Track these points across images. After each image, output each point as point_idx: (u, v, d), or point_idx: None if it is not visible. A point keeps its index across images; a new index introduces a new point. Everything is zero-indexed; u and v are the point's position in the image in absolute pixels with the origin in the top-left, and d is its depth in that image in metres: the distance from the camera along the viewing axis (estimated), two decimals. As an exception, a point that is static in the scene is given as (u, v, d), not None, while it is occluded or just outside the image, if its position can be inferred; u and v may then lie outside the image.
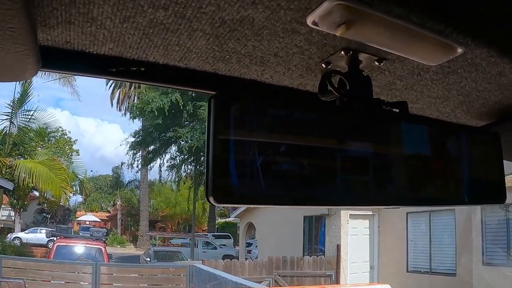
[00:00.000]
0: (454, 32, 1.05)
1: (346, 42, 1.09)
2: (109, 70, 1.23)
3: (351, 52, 1.13)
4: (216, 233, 48.19)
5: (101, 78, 1.31)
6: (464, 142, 1.38)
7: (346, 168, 1.09)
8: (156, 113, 30.84)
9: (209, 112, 0.87)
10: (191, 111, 30.16)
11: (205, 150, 0.86)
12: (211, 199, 0.85)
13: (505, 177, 1.37)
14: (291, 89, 1.39)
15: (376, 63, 1.18)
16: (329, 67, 1.20)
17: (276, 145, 0.96)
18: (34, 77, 1.21)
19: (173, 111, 31.06)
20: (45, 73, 24.39)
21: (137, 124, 47.56)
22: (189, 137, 30.44)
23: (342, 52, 1.13)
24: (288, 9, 0.94)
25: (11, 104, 27.45)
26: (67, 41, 1.13)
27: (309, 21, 0.97)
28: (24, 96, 27.28)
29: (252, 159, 0.90)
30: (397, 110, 1.23)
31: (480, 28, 1.06)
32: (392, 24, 0.98)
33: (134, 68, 1.24)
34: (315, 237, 20.89)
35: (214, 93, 1.25)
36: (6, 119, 27.92)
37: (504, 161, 1.43)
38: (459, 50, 1.10)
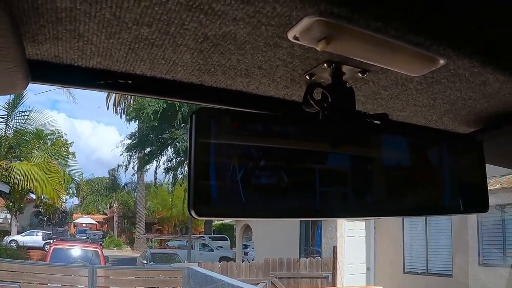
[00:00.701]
0: (434, 44, 1.06)
1: (328, 55, 1.10)
2: (98, 82, 1.25)
3: (333, 64, 1.14)
4: (212, 235, 48.10)
5: (90, 90, 1.32)
6: (447, 150, 1.39)
7: (328, 180, 1.10)
8: (152, 116, 30.81)
9: (191, 128, 0.88)
10: (186, 113, 30.08)
11: (188, 165, 0.88)
12: (192, 212, 0.86)
13: (504, 178, 1.38)
14: (277, 99, 1.41)
15: (359, 75, 1.20)
16: (313, 78, 1.21)
17: (257, 158, 0.97)
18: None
19: (169, 113, 31.04)
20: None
21: (133, 126, 47.44)
22: (185, 138, 30.36)
23: (325, 65, 1.14)
24: (269, 25, 0.96)
25: (6, 106, 27.39)
26: (56, 55, 1.14)
27: (290, 36, 0.99)
28: (18, 99, 27.19)
29: (232, 173, 0.91)
30: (378, 122, 1.24)
31: (460, 39, 1.07)
32: (372, 38, 1.00)
33: (122, 81, 1.25)
34: (312, 238, 20.88)
35: (206, 105, 1.27)
36: (1, 121, 27.86)
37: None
38: (441, 62, 1.11)
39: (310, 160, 1.08)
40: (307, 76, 1.21)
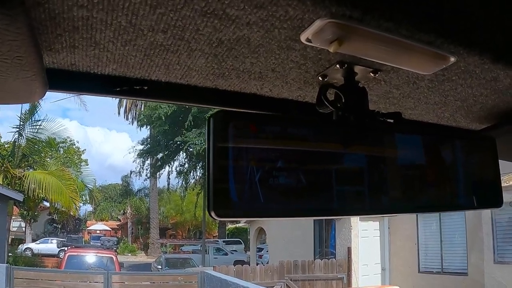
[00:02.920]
0: (444, 43, 1.07)
1: (341, 56, 1.11)
2: (113, 89, 1.27)
3: (346, 65, 1.15)
4: (226, 239, 48.00)
5: (107, 96, 1.34)
6: (460, 147, 1.39)
7: (344, 179, 1.11)
8: (163, 118, 30.79)
9: (208, 131, 0.90)
10: (196, 114, 30.00)
11: (206, 167, 0.89)
12: (212, 213, 0.88)
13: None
14: (290, 101, 1.42)
15: (372, 74, 1.21)
16: (326, 79, 1.22)
17: (274, 159, 0.98)
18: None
19: (180, 118, 31.05)
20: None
21: (145, 132, 47.46)
22: (197, 142, 30.31)
23: (337, 65, 1.15)
24: (282, 28, 0.98)
25: (21, 116, 27.51)
26: (72, 63, 1.16)
27: (302, 38, 1.00)
28: (34, 109, 27.32)
29: (251, 174, 0.93)
30: (392, 121, 1.25)
31: (470, 37, 1.08)
32: (383, 38, 1.01)
33: (138, 87, 1.27)
34: (326, 240, 20.80)
35: (220, 108, 1.28)
36: (16, 131, 27.99)
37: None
38: (452, 59, 1.12)
39: (326, 160, 1.09)
40: (320, 78, 1.22)
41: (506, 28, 1.07)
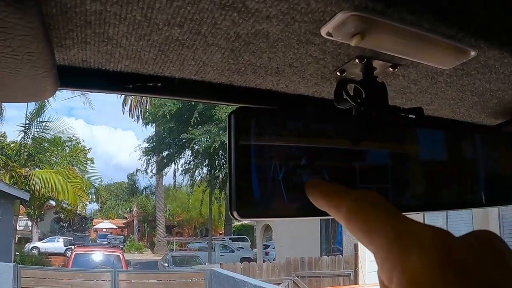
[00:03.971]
0: (466, 36, 1.05)
1: (360, 50, 1.09)
2: (126, 86, 1.24)
3: (365, 60, 1.13)
4: (233, 236, 48.26)
5: (119, 94, 1.32)
6: (480, 142, 1.37)
7: (366, 176, 1.08)
8: (168, 116, 30.84)
9: (229, 128, 0.87)
10: (202, 110, 30.02)
11: (228, 166, 0.87)
12: (235, 213, 0.85)
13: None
14: (306, 97, 1.40)
15: (391, 69, 1.19)
16: (344, 74, 1.20)
17: (297, 156, 0.96)
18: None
19: (185, 116, 31.10)
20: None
21: (150, 130, 47.63)
22: (202, 139, 30.33)
23: (357, 60, 1.13)
24: (302, 21, 0.95)
25: (28, 115, 27.66)
26: (84, 60, 1.14)
27: (323, 32, 0.97)
28: (41, 108, 27.46)
29: (273, 173, 0.90)
30: (413, 116, 1.23)
31: (491, 30, 1.06)
32: (405, 32, 0.99)
33: (151, 84, 1.25)
34: (332, 236, 20.88)
35: (233, 105, 1.26)
36: (22, 131, 28.14)
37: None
38: (472, 53, 1.10)
39: (349, 156, 1.06)
40: (337, 73, 1.20)
41: None
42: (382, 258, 0.51)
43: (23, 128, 28.14)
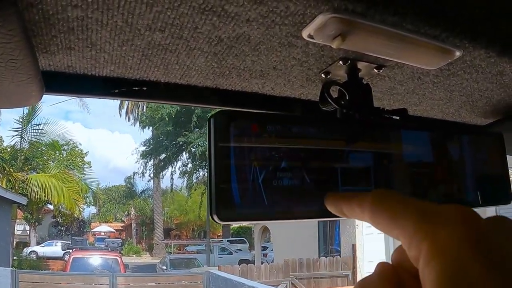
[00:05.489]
0: (450, 36, 1.05)
1: (344, 52, 1.09)
2: (112, 91, 1.25)
3: (349, 61, 1.13)
4: (231, 238, 48.21)
5: (105, 98, 1.32)
6: (468, 143, 1.37)
7: (350, 179, 1.08)
8: (167, 119, 30.84)
9: (209, 132, 0.87)
10: (200, 114, 30.02)
11: (208, 169, 0.87)
12: (215, 217, 0.85)
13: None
14: (292, 99, 1.40)
15: (375, 71, 1.19)
16: (329, 76, 1.20)
17: (278, 158, 0.96)
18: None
19: (182, 119, 31.10)
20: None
21: (148, 134, 47.60)
22: (200, 142, 30.33)
23: (341, 62, 1.13)
24: (283, 24, 0.95)
25: (20, 120, 27.62)
26: (69, 66, 1.14)
27: (304, 34, 0.97)
28: (31, 112, 27.41)
29: (253, 176, 0.90)
30: (398, 118, 1.23)
31: (476, 30, 1.06)
32: (388, 33, 0.99)
33: (136, 88, 1.25)
34: (330, 237, 20.87)
35: (220, 109, 1.26)
36: (16, 135, 28.12)
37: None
38: (457, 53, 1.10)
39: (331, 159, 1.06)
40: (322, 75, 1.20)
41: None
42: (409, 237, 0.51)
43: (17, 132, 28.11)
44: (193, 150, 32.52)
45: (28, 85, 1.04)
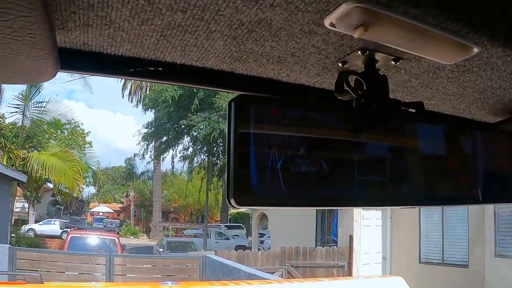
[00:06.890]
0: (469, 32, 1.05)
1: (363, 42, 1.09)
2: (127, 70, 1.24)
3: (367, 52, 1.13)
4: (228, 224, 48.31)
5: (119, 78, 1.32)
6: (480, 140, 1.37)
7: (365, 169, 1.09)
8: (170, 101, 30.70)
9: (229, 115, 0.87)
10: (202, 97, 29.85)
11: (226, 153, 0.87)
12: (232, 201, 0.85)
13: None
14: (307, 87, 1.39)
15: (392, 62, 1.18)
16: (346, 66, 1.20)
17: (296, 145, 0.96)
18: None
19: (185, 102, 30.99)
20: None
21: (150, 116, 47.45)
22: (202, 126, 30.21)
23: (359, 52, 1.13)
24: (306, 11, 0.95)
25: (20, 96, 27.54)
26: (85, 43, 1.13)
27: (326, 22, 0.97)
28: (31, 88, 27.26)
29: (272, 161, 0.90)
30: (414, 110, 1.23)
31: (495, 27, 1.06)
32: (409, 25, 0.99)
33: (152, 68, 1.24)
34: (328, 227, 20.86)
35: (234, 93, 1.25)
36: (16, 112, 28.05)
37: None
38: (475, 50, 1.10)
39: (348, 148, 1.07)
40: (339, 64, 1.20)
41: None
42: None
43: (17, 109, 28.04)
44: (195, 133, 32.40)
45: (44, 61, 1.03)
